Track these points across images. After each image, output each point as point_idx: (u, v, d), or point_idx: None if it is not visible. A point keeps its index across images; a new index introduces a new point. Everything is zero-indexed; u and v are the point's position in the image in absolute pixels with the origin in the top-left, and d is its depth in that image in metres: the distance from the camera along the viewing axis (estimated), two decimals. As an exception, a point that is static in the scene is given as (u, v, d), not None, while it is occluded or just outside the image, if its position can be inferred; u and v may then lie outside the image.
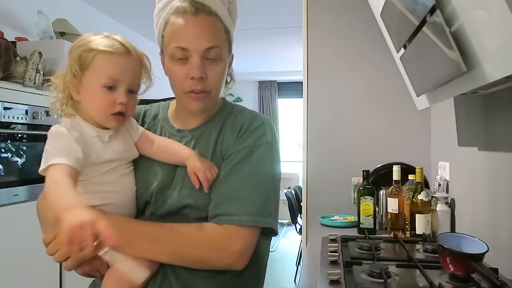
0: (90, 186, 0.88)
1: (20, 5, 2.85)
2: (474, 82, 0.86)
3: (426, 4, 0.93)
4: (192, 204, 0.91)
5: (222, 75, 0.94)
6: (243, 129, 0.96)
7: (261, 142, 0.94)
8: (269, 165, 0.94)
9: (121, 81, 0.87)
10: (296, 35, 3.84)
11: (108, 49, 0.86)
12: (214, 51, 0.90)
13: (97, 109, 0.88)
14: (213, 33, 0.91)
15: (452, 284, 1.02)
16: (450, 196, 1.61)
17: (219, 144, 0.96)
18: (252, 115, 1.00)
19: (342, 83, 2.23)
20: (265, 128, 0.97)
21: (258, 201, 0.89)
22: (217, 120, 1.00)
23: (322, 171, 2.22)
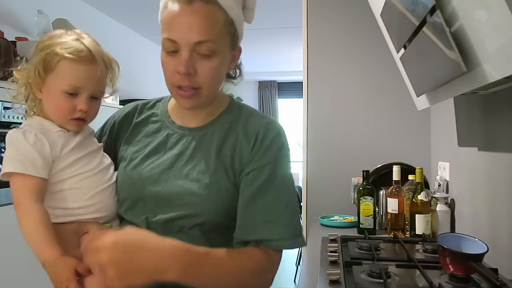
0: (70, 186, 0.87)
1: (20, 5, 2.85)
2: (474, 82, 0.86)
3: (426, 4, 0.93)
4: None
5: (215, 71, 0.85)
6: (259, 139, 0.89)
7: (281, 155, 0.90)
8: (291, 179, 0.91)
9: (83, 89, 0.87)
10: (296, 35, 3.84)
11: (73, 56, 0.85)
12: (205, 45, 0.82)
13: (56, 112, 0.88)
14: (208, 25, 0.81)
15: (452, 284, 1.02)
16: (450, 196, 1.61)
17: (226, 151, 0.89)
18: (266, 121, 0.93)
19: (342, 83, 2.23)
20: (282, 139, 0.92)
21: (292, 222, 0.86)
22: (222, 122, 0.93)
23: (322, 171, 2.22)
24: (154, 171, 0.90)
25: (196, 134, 0.93)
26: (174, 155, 0.91)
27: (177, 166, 0.89)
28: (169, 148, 0.92)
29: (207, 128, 0.93)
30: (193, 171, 0.88)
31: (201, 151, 0.90)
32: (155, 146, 0.94)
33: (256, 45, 5.16)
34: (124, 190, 0.92)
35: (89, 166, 0.90)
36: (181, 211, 0.85)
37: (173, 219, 0.86)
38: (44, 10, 2.78)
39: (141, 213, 0.89)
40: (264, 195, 0.85)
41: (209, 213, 0.85)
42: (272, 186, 0.86)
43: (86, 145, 0.92)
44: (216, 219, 0.86)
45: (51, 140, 0.86)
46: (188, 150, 0.91)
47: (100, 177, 0.91)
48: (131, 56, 4.04)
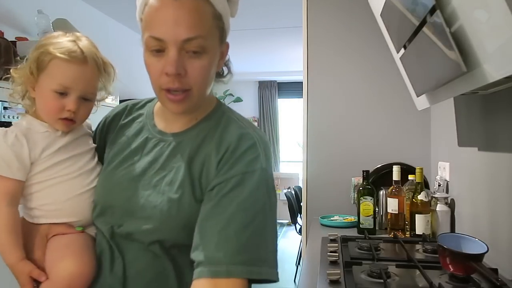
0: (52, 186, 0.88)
1: (20, 5, 2.85)
2: (474, 82, 0.86)
3: (426, 4, 0.93)
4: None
5: (206, 70, 0.78)
6: (229, 150, 0.79)
7: (254, 168, 0.77)
8: (264, 196, 0.76)
9: (73, 89, 0.87)
10: (296, 35, 3.84)
11: (64, 56, 0.85)
12: (195, 42, 0.74)
13: (45, 111, 0.89)
14: (196, 19, 0.74)
15: (451, 284, 1.02)
16: (450, 196, 1.61)
17: (198, 163, 0.81)
18: (240, 132, 0.82)
19: (342, 83, 2.23)
20: (257, 151, 0.80)
21: (251, 244, 0.72)
22: (201, 129, 0.85)
23: (322, 171, 2.22)
24: (125, 177, 0.85)
25: (173, 140, 0.86)
26: (148, 162, 0.85)
27: (148, 174, 0.83)
28: (145, 154, 0.86)
29: (185, 135, 0.85)
30: (162, 182, 0.81)
31: (173, 161, 0.83)
32: (132, 149, 0.88)
33: (256, 45, 5.16)
34: (97, 194, 0.88)
35: (70, 168, 0.89)
36: (142, 224, 0.79)
37: (134, 232, 0.80)
38: (44, 10, 2.78)
39: (108, 222, 0.84)
40: (222, 209, 0.74)
41: (169, 230, 0.78)
42: (236, 200, 0.74)
43: (75, 146, 0.91)
44: (176, 237, 0.79)
45: (32, 141, 0.86)
46: (162, 158, 0.84)
47: (80, 181, 0.89)
48: (131, 56, 4.02)
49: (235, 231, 0.72)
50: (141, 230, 0.79)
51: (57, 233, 0.87)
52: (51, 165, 0.87)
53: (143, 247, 0.80)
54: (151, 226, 0.78)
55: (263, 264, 0.74)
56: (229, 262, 0.70)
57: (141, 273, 0.81)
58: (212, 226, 0.73)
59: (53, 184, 0.87)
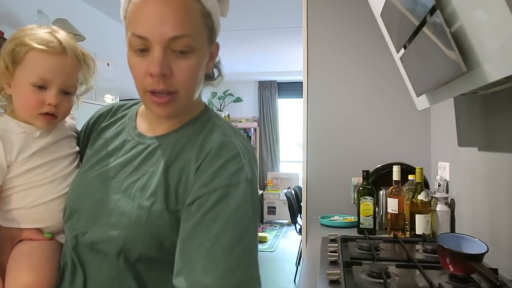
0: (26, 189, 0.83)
1: (20, 5, 2.85)
2: (474, 82, 0.86)
3: (426, 4, 0.93)
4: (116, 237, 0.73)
5: (194, 71, 0.73)
6: (208, 157, 0.73)
7: (239, 180, 0.71)
8: (250, 211, 0.70)
9: (52, 82, 0.82)
10: (296, 35, 3.84)
11: (42, 47, 0.80)
12: (182, 41, 0.70)
13: (24, 106, 0.83)
14: (183, 17, 0.70)
15: (451, 284, 1.02)
16: (450, 197, 1.61)
17: (175, 170, 0.75)
18: (223, 139, 0.76)
19: (342, 83, 2.23)
20: (241, 161, 0.73)
21: (242, 264, 0.66)
22: (183, 134, 0.79)
23: (322, 171, 2.22)
24: (96, 180, 0.79)
25: (151, 143, 0.80)
26: (121, 164, 0.79)
27: (120, 177, 0.78)
28: (120, 156, 0.81)
29: (165, 139, 0.79)
30: (133, 186, 0.75)
31: (148, 164, 0.77)
32: (109, 151, 0.83)
33: (256, 45, 5.16)
34: (67, 197, 0.83)
35: (45, 174, 0.84)
36: (107, 231, 0.73)
37: (98, 241, 0.74)
38: (44, 10, 2.78)
39: (73, 228, 0.78)
40: (207, 229, 0.67)
41: (135, 240, 0.71)
42: (221, 217, 0.67)
43: (54, 149, 0.87)
44: (143, 248, 0.72)
45: (9, 143, 0.81)
46: (136, 160, 0.79)
47: (53, 186, 0.85)
48: (131, 56, 4.03)
49: (224, 250, 0.65)
50: (106, 238, 0.73)
51: (24, 238, 0.83)
52: (25, 171, 0.83)
53: (106, 261, 0.74)
54: (117, 233, 0.72)
55: (256, 284, 0.67)
56: (219, 287, 0.64)
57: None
58: (197, 246, 0.66)
59: (24, 189, 0.83)
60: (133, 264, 0.73)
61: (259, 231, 0.80)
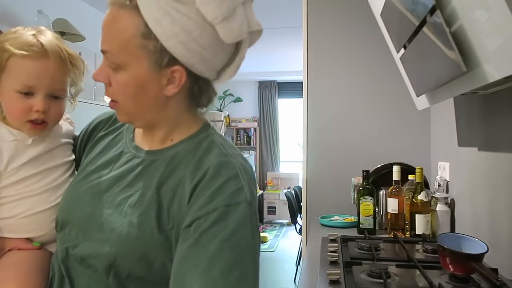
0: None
1: (20, 5, 2.85)
2: (474, 82, 0.86)
3: (426, 4, 0.93)
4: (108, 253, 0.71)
5: (125, 87, 0.72)
6: (206, 177, 0.70)
7: (238, 200, 0.68)
8: (249, 234, 0.68)
9: (38, 87, 0.78)
10: (296, 35, 3.84)
11: (22, 52, 0.76)
12: (108, 55, 0.71)
13: (12, 114, 0.81)
14: (108, 34, 0.70)
15: (452, 284, 1.02)
16: (450, 196, 1.61)
17: (169, 188, 0.73)
18: (221, 159, 0.73)
19: (342, 83, 2.23)
20: (240, 181, 0.71)
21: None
22: (179, 150, 0.77)
23: (322, 171, 2.22)
24: (89, 191, 0.78)
25: (146, 158, 0.78)
26: (116, 177, 0.78)
27: (113, 191, 0.76)
28: (115, 168, 0.80)
29: (159, 154, 0.78)
30: (126, 202, 0.74)
31: (142, 180, 0.75)
32: (104, 162, 0.82)
33: (256, 45, 5.13)
34: (59, 207, 0.81)
35: (36, 185, 0.82)
36: (97, 247, 0.71)
37: (88, 256, 0.72)
38: (44, 10, 2.78)
39: (65, 240, 0.77)
40: (204, 249, 0.64)
41: (124, 258, 0.70)
42: (218, 238, 0.65)
43: (47, 159, 0.84)
44: (131, 267, 0.70)
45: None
46: (131, 175, 0.77)
47: (44, 197, 0.82)
48: (131, 56, 4.04)
49: (221, 272, 0.62)
50: (96, 253, 0.71)
51: (13, 247, 0.81)
52: (15, 182, 0.80)
53: (96, 276, 0.72)
54: (107, 250, 0.70)
55: None
56: None
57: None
58: (192, 267, 0.63)
59: (14, 200, 0.80)
60: (123, 281, 0.71)
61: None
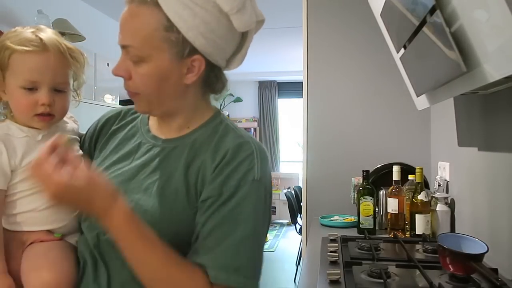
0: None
1: (20, 5, 2.85)
2: (474, 82, 0.86)
3: (426, 4, 0.93)
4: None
5: (147, 79, 0.76)
6: (226, 159, 0.77)
7: (246, 180, 0.76)
8: (250, 208, 0.75)
9: (41, 82, 0.81)
10: (296, 35, 3.84)
11: (23, 47, 0.79)
12: (130, 50, 0.76)
13: (19, 110, 0.83)
14: (131, 29, 0.75)
15: (452, 284, 1.02)
16: (450, 196, 1.61)
17: (194, 169, 0.79)
18: (239, 141, 0.80)
19: (342, 83, 2.23)
20: (253, 161, 0.78)
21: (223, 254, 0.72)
22: (196, 137, 0.83)
23: (322, 171, 2.22)
24: (114, 180, 0.81)
25: (166, 146, 0.84)
26: (139, 165, 0.83)
27: (138, 178, 0.81)
28: (136, 158, 0.84)
29: (179, 141, 0.83)
30: (153, 186, 0.79)
31: (167, 165, 0.81)
32: (124, 153, 0.86)
33: (256, 45, 5.13)
34: None
35: None
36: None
37: None
38: (44, 10, 2.78)
39: (94, 227, 0.80)
40: (211, 220, 0.74)
41: (159, 236, 0.74)
42: (223, 211, 0.74)
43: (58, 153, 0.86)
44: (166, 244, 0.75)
45: (12, 148, 0.81)
46: (154, 162, 0.82)
47: None
48: (131, 56, 4.04)
49: (217, 241, 0.73)
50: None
51: (35, 240, 0.83)
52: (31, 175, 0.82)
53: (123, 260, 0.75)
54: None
55: (233, 273, 0.72)
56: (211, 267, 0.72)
57: (126, 286, 0.77)
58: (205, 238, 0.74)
59: (34, 192, 0.82)
60: None
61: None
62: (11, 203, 0.83)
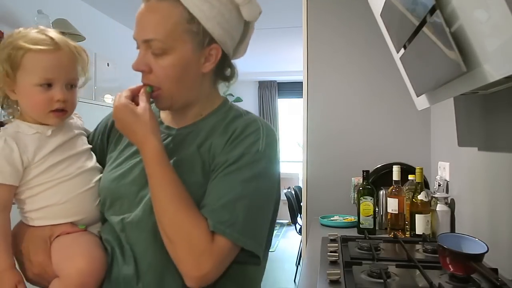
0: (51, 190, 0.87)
1: (20, 5, 2.85)
2: (474, 82, 0.86)
3: (426, 4, 0.93)
4: None
5: (170, 70, 0.81)
6: (234, 134, 0.85)
7: (250, 151, 0.82)
8: (250, 174, 0.81)
9: (56, 79, 0.85)
10: (296, 35, 3.84)
11: (37, 46, 0.82)
12: (153, 44, 0.80)
13: (34, 108, 0.86)
14: (154, 23, 0.79)
15: (452, 284, 1.02)
16: (450, 196, 1.61)
17: (206, 147, 0.86)
18: (249, 120, 0.88)
19: (342, 83, 2.23)
20: (259, 135, 0.85)
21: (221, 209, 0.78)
22: (208, 121, 0.90)
23: (322, 171, 2.22)
24: (135, 167, 0.87)
25: (181, 132, 0.90)
26: None
27: None
28: None
29: (193, 127, 0.90)
30: (171, 162, 0.85)
31: (182, 147, 0.87)
32: None
33: (256, 45, 5.14)
34: (105, 188, 0.90)
35: (69, 169, 0.88)
36: (150, 208, 0.82)
37: (146, 217, 0.82)
38: (44, 10, 2.78)
39: (118, 213, 0.86)
40: (220, 184, 0.80)
41: None
42: (230, 176, 0.80)
43: (69, 147, 0.90)
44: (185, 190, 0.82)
45: (23, 145, 0.84)
46: (170, 147, 0.88)
47: (80, 180, 0.89)
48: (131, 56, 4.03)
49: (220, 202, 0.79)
50: (150, 213, 0.81)
51: (61, 233, 0.86)
52: (48, 167, 0.86)
53: (153, 238, 0.81)
54: None
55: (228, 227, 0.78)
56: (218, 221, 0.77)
57: (153, 264, 0.81)
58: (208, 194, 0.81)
59: (54, 185, 0.86)
60: None
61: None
62: (32, 199, 0.86)
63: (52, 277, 0.83)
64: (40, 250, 0.85)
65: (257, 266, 0.86)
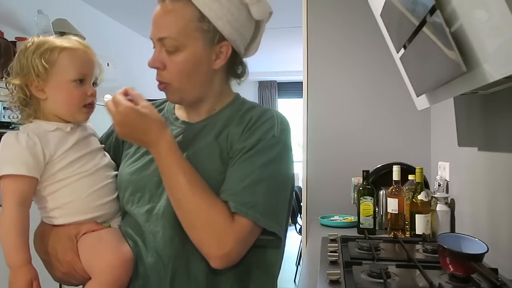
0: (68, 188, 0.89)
1: (20, 5, 2.85)
2: (474, 82, 0.86)
3: (426, 4, 0.93)
4: None
5: (182, 66, 0.86)
6: (250, 122, 0.89)
7: (266, 136, 0.87)
8: (267, 158, 0.85)
9: (88, 74, 0.92)
10: (296, 35, 3.84)
11: (71, 45, 0.91)
12: (167, 41, 0.85)
13: (70, 103, 0.91)
14: (168, 22, 0.85)
15: (452, 284, 1.02)
16: (450, 196, 1.61)
17: (224, 136, 0.90)
18: (263, 109, 0.93)
19: (342, 83, 2.23)
20: (274, 121, 0.90)
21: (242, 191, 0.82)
22: (223, 114, 0.94)
23: (322, 171, 2.22)
24: (153, 163, 0.89)
25: (197, 126, 0.94)
26: None
27: None
28: None
29: (209, 120, 0.94)
30: (188, 155, 0.88)
31: (200, 138, 0.91)
32: None
33: (256, 45, 5.15)
34: (125, 181, 0.93)
35: (88, 165, 0.91)
36: None
37: (168, 206, 0.85)
38: (44, 10, 2.78)
39: (140, 204, 0.89)
40: (240, 169, 0.84)
41: None
42: (248, 161, 0.84)
43: (85, 145, 0.93)
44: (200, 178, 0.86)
45: (45, 140, 0.87)
46: (187, 140, 0.92)
47: (97, 177, 0.92)
48: (131, 56, 4.03)
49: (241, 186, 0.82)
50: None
51: (86, 231, 0.88)
52: (69, 163, 0.89)
53: (179, 226, 0.83)
54: None
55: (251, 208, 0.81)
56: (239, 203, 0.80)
57: (180, 251, 0.84)
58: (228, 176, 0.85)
59: (75, 180, 0.89)
60: None
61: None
62: (54, 195, 0.88)
63: (81, 275, 0.85)
64: (68, 249, 0.87)
65: (277, 249, 0.91)
